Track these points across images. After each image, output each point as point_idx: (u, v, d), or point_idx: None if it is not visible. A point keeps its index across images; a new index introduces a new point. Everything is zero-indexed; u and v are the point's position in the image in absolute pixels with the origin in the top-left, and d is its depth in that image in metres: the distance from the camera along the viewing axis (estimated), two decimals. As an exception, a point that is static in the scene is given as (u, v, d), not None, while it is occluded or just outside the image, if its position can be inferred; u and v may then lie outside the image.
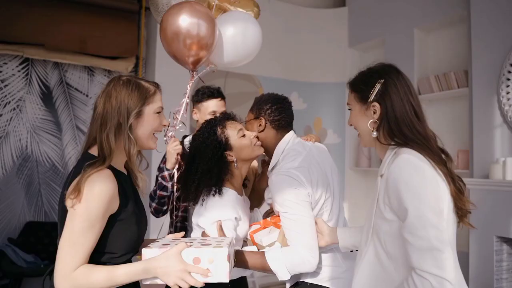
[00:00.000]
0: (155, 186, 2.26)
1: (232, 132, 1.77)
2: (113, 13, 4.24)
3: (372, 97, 1.33)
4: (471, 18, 3.78)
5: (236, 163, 1.77)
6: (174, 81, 2.39)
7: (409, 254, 1.16)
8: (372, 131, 1.34)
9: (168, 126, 1.83)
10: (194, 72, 2.18)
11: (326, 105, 5.50)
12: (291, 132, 1.87)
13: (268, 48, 5.24)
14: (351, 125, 1.44)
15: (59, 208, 1.34)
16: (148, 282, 1.30)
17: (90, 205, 1.23)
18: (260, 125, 1.84)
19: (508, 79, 3.43)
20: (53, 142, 4.28)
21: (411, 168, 1.21)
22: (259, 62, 5.25)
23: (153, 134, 1.44)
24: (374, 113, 1.34)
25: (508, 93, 3.44)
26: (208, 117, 2.24)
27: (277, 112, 1.84)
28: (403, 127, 1.29)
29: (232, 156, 1.76)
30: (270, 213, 1.96)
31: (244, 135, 1.80)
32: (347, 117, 2.07)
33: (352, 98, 1.41)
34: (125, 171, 1.45)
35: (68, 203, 1.24)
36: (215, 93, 2.38)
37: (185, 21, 2.03)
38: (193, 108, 2.43)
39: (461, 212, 1.27)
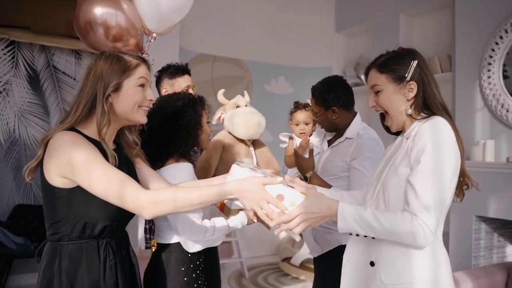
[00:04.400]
0: None
1: (204, 116, 1.81)
2: (100, -4, 4.22)
3: (409, 76, 1.37)
4: (455, 4, 3.85)
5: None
6: (162, 62, 2.41)
7: (408, 197, 1.27)
8: (409, 108, 1.39)
9: None
10: (144, 53, 2.16)
11: (313, 90, 5.56)
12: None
13: (256, 33, 5.27)
14: (373, 106, 1.46)
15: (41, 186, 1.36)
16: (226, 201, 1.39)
17: (74, 148, 1.26)
18: (334, 112, 2.01)
19: (490, 64, 3.53)
20: (41, 126, 4.28)
21: (443, 129, 1.30)
22: (247, 47, 5.29)
23: (139, 107, 1.40)
24: (410, 91, 1.38)
25: (489, 77, 3.53)
26: None
27: (342, 96, 2.00)
28: (437, 101, 1.38)
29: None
30: None
31: (208, 123, 1.86)
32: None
33: (383, 79, 1.41)
34: (112, 145, 1.43)
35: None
36: (187, 68, 2.36)
37: (98, 11, 2.02)
38: (162, 85, 2.35)
39: (462, 183, 1.40)
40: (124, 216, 1.42)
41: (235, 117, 2.17)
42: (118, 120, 1.39)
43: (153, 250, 1.85)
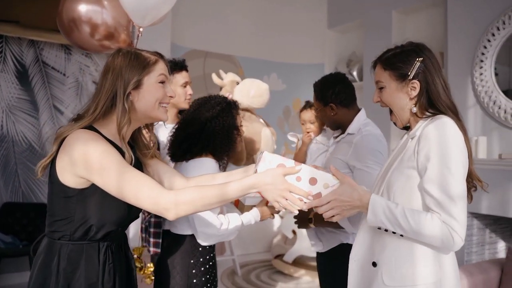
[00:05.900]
0: None
1: (239, 119, 1.87)
2: (90, -10, 4.15)
3: (412, 75, 1.35)
4: (447, 1, 3.86)
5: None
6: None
7: (429, 205, 1.26)
8: (413, 106, 1.37)
9: None
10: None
11: (305, 86, 5.51)
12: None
13: (248, 29, 5.25)
14: (377, 101, 1.44)
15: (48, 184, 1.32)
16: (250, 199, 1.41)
17: (93, 147, 1.22)
18: (332, 109, 2.01)
19: (482, 61, 3.54)
20: (30, 122, 4.20)
21: (449, 130, 1.27)
22: (239, 43, 5.26)
23: (160, 104, 1.36)
24: (412, 90, 1.36)
25: (481, 74, 3.54)
26: (180, 89, 2.16)
27: (341, 92, 2.00)
28: (442, 101, 1.35)
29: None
30: None
31: (241, 126, 1.90)
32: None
33: (386, 76, 1.39)
34: (125, 145, 1.37)
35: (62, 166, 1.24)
36: (184, 64, 2.27)
37: (82, 8, 1.98)
38: None
39: (470, 185, 1.38)
40: (129, 221, 1.39)
41: (250, 90, 2.22)
42: (137, 118, 1.36)
43: (137, 262, 1.85)
